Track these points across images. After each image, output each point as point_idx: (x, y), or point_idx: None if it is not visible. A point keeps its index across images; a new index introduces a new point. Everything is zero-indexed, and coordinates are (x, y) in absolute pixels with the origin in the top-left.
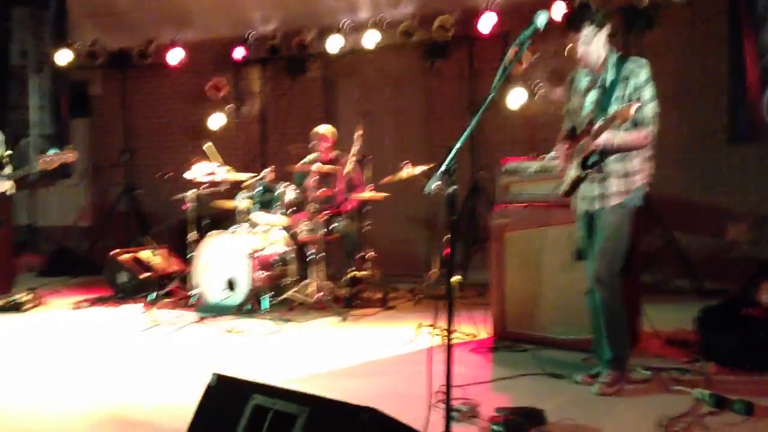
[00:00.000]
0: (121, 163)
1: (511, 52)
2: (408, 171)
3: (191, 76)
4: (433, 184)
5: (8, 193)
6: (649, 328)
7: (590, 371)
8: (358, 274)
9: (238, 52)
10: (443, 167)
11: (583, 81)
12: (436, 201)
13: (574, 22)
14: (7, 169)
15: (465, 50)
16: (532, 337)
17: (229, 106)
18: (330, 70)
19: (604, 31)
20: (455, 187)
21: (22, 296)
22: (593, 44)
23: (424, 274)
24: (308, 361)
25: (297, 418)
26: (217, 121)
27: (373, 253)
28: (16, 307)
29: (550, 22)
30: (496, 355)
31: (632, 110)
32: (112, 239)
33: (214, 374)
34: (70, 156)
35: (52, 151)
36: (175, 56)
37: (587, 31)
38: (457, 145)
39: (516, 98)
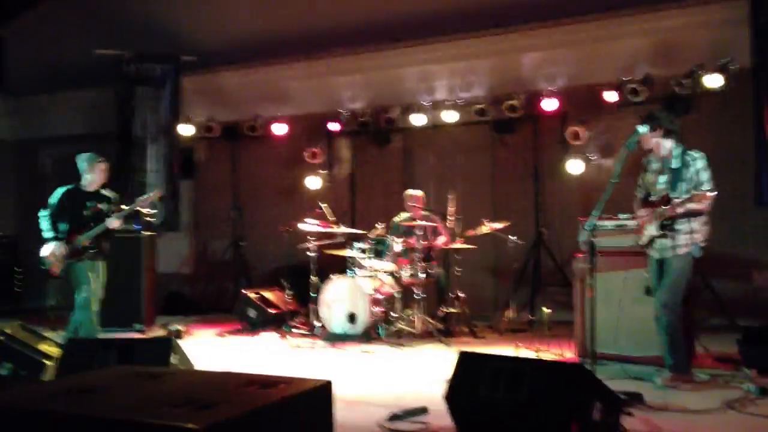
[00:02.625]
0: (231, 218)
1: (622, 150)
2: (488, 226)
3: (289, 145)
4: (585, 235)
5: (117, 228)
6: (701, 350)
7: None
8: (450, 310)
9: (333, 126)
10: (589, 224)
11: (654, 164)
12: (504, 251)
13: (650, 120)
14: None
15: (530, 126)
16: (611, 355)
17: (323, 170)
18: (410, 140)
19: (664, 129)
20: (594, 239)
21: (179, 327)
22: (663, 141)
23: (502, 311)
24: (446, 364)
25: (525, 373)
26: (313, 183)
27: (461, 293)
28: (178, 335)
29: (603, 106)
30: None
31: (708, 195)
32: (212, 284)
33: (460, 351)
34: (157, 194)
35: (144, 195)
36: (278, 129)
37: (649, 131)
38: (599, 209)
39: (574, 166)
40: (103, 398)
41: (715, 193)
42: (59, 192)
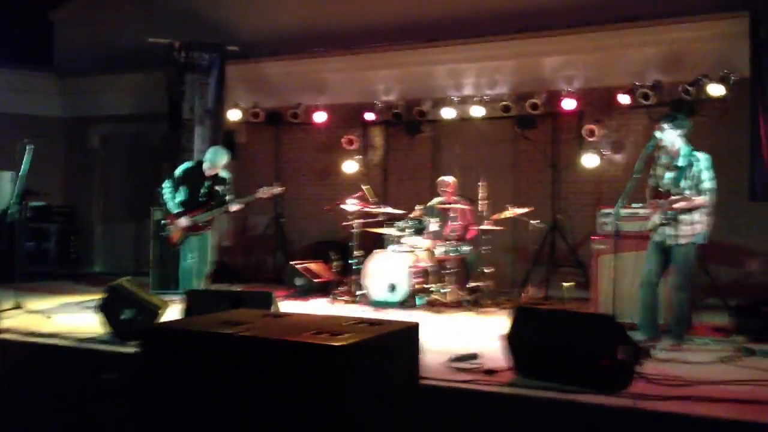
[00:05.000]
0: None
1: (643, 151)
2: (512, 211)
3: (327, 132)
4: (611, 221)
5: (236, 210)
6: (698, 323)
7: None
8: (477, 284)
9: (368, 115)
10: (615, 210)
11: (664, 158)
12: (523, 234)
13: (664, 120)
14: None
15: (549, 122)
16: (622, 323)
17: (358, 156)
18: (439, 132)
19: (682, 130)
20: (617, 223)
21: (238, 290)
22: (674, 137)
23: (524, 287)
24: (479, 328)
25: (569, 321)
26: (349, 167)
27: (488, 269)
28: None
29: (616, 107)
30: None
31: (694, 200)
32: (252, 257)
33: (517, 307)
34: (279, 190)
35: (266, 187)
36: (318, 117)
37: (670, 128)
38: (623, 199)
39: (589, 160)
40: (253, 327)
41: (703, 197)
42: (183, 166)
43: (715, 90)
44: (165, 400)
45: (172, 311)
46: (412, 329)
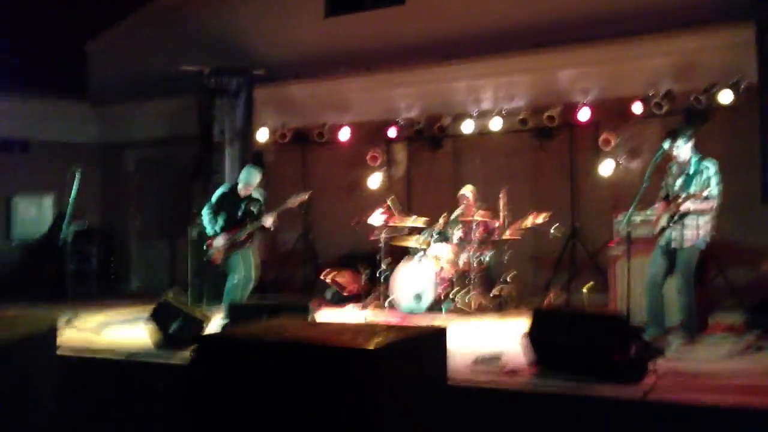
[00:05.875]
0: (301, 212)
1: (652, 163)
2: (533, 219)
3: (352, 149)
4: (622, 227)
5: (272, 227)
6: (712, 322)
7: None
8: (500, 290)
9: (391, 132)
10: (627, 217)
11: (675, 167)
12: (542, 242)
13: (673, 134)
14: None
15: (566, 133)
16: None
17: (382, 171)
18: (459, 145)
19: (691, 142)
20: (629, 229)
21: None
22: (684, 149)
23: (546, 293)
24: (502, 331)
25: (584, 321)
26: (373, 182)
27: (511, 276)
28: None
29: (630, 116)
30: None
31: (703, 194)
32: (284, 270)
33: (534, 309)
34: (306, 196)
35: (294, 196)
36: (342, 135)
37: (681, 141)
38: (634, 206)
39: (606, 168)
40: (294, 333)
41: (706, 193)
42: (219, 191)
43: (726, 97)
44: (215, 403)
45: (215, 323)
46: (441, 332)
